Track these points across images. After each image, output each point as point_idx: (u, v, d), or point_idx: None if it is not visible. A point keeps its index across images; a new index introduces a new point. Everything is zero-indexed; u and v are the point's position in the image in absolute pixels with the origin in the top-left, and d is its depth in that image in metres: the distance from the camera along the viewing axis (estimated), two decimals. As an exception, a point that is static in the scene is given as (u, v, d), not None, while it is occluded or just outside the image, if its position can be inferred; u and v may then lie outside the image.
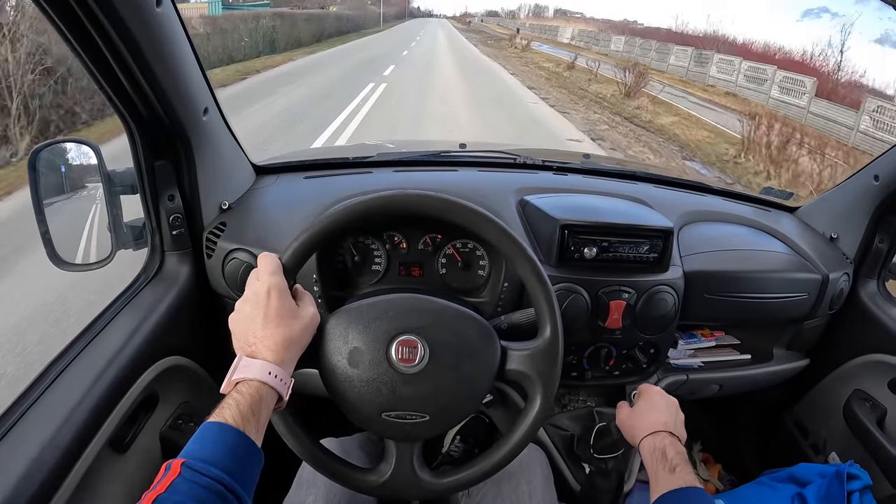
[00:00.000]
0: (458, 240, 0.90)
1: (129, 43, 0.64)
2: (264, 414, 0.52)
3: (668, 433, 0.72)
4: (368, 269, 0.90)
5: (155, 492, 0.43)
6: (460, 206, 0.63)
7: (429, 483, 0.65)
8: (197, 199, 0.86)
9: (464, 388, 0.61)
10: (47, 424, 0.62)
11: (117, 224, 0.84)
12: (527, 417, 0.64)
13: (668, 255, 0.90)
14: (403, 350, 0.59)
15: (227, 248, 0.87)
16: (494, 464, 0.64)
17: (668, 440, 0.71)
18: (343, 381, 0.60)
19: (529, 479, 0.78)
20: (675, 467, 0.66)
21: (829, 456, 1.14)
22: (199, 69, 0.80)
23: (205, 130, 0.84)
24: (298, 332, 0.57)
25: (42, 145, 0.81)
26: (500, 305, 0.86)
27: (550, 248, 0.86)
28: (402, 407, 0.60)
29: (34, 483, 0.57)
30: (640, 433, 0.74)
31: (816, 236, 1.13)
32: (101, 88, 0.72)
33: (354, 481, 0.65)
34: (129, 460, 0.76)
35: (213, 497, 0.44)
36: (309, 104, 7.47)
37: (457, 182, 1.04)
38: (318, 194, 0.96)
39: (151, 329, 0.80)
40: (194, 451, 0.47)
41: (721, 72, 13.84)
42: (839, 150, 7.52)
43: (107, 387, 0.70)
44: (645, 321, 0.90)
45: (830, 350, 1.14)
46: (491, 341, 0.62)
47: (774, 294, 1.01)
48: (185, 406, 0.87)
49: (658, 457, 0.69)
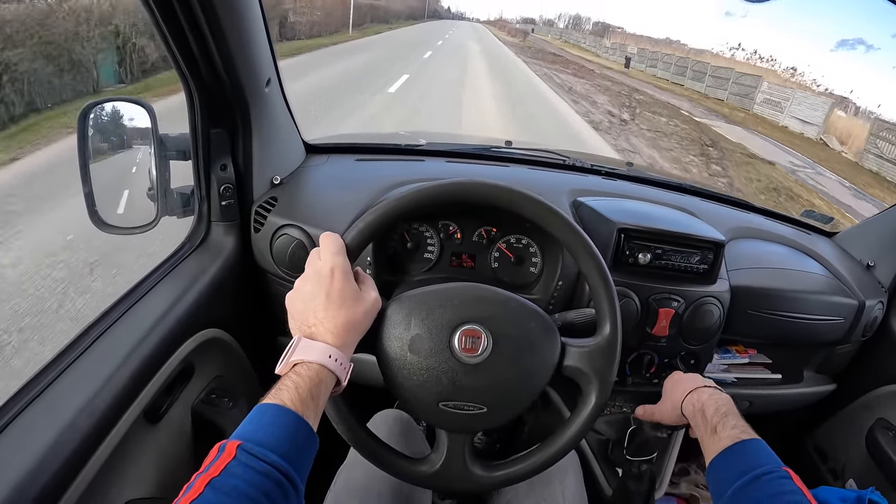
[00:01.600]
0: (513, 235, 0.89)
1: (204, 5, 0.63)
2: (323, 398, 0.50)
3: (705, 387, 0.69)
4: (420, 257, 0.89)
5: (208, 474, 0.40)
6: (531, 200, 0.62)
7: (480, 476, 0.64)
8: (250, 170, 0.85)
9: (522, 381, 0.60)
10: (83, 390, 0.60)
11: (166, 189, 0.82)
12: (581, 414, 0.63)
13: (718, 268, 0.89)
14: (466, 340, 0.58)
15: (278, 223, 0.85)
16: (546, 459, 0.64)
17: (707, 394, 0.67)
18: (402, 369, 0.58)
19: (562, 480, 0.77)
20: (715, 426, 0.62)
21: (847, 482, 1.14)
22: (266, 39, 0.79)
23: (265, 102, 0.82)
24: (361, 316, 0.55)
25: (97, 101, 0.79)
26: (551, 303, 0.85)
27: (605, 251, 0.85)
28: (461, 397, 0.59)
29: (69, 449, 0.55)
30: (677, 401, 0.71)
31: (853, 262, 1.14)
32: (168, 48, 0.70)
33: (404, 470, 0.64)
34: (161, 431, 0.74)
35: (271, 484, 0.41)
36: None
37: (510, 177, 1.03)
38: (371, 177, 0.94)
39: (194, 299, 0.78)
40: (250, 433, 0.44)
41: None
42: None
43: (147, 355, 0.68)
44: (690, 331, 0.90)
45: (858, 377, 1.14)
46: (552, 336, 0.62)
47: (812, 315, 1.00)
48: (219, 380, 0.85)
49: (699, 419, 0.65)
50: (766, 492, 0.53)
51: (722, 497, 0.56)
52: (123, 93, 4.86)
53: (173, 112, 0.90)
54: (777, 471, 0.54)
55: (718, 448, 0.59)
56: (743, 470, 0.55)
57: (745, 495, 0.54)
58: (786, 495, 0.52)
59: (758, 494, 0.53)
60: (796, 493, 0.52)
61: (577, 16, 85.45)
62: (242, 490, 0.40)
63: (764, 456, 0.57)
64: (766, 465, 0.55)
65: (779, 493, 0.52)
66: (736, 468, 0.56)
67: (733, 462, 0.58)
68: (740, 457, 0.58)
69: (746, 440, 0.59)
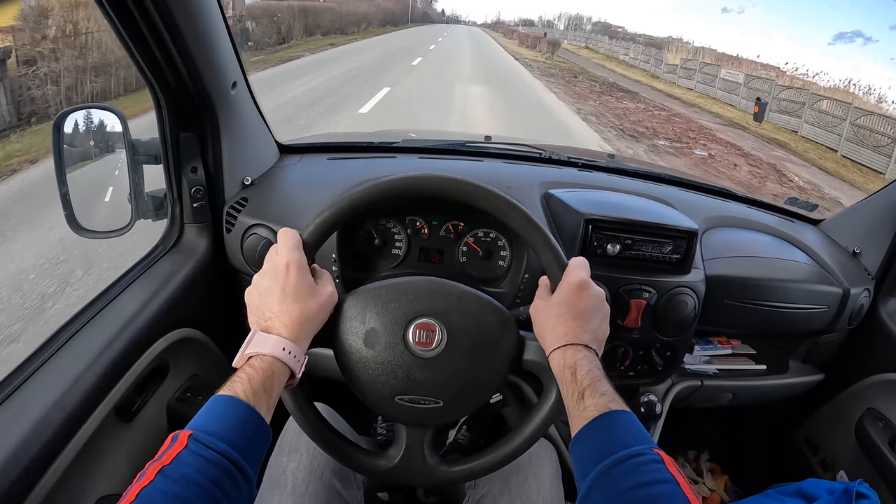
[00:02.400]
0: (481, 229, 0.89)
1: (162, 10, 0.64)
2: (276, 390, 0.51)
3: (583, 346, 0.55)
4: (388, 253, 0.90)
5: (160, 462, 0.41)
6: (486, 192, 0.62)
7: (438, 470, 0.64)
8: (220, 172, 0.86)
9: (480, 375, 0.60)
10: (55, 387, 0.62)
11: (138, 193, 0.84)
12: (541, 410, 0.62)
13: (691, 257, 0.88)
14: (421, 333, 0.58)
15: (248, 223, 0.87)
16: (505, 455, 0.63)
17: (581, 354, 0.55)
18: (357, 362, 0.59)
19: (538, 474, 0.77)
20: (583, 391, 0.51)
21: (837, 474, 1.12)
22: (230, 42, 0.80)
23: (232, 104, 0.83)
24: (315, 310, 0.56)
25: (68, 109, 0.81)
26: (518, 297, 0.85)
27: (573, 242, 0.85)
28: (417, 391, 0.59)
29: (38, 443, 0.57)
30: (548, 345, 0.57)
31: (839, 250, 1.12)
32: (132, 55, 0.72)
33: (363, 464, 0.64)
34: (135, 429, 0.75)
35: (219, 472, 0.42)
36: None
37: (481, 172, 1.03)
38: (342, 175, 0.95)
39: (166, 299, 0.79)
40: (202, 424, 0.45)
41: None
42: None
43: (117, 353, 0.70)
44: (664, 322, 0.89)
45: (846, 366, 1.12)
46: (509, 330, 0.61)
47: (794, 304, 0.99)
48: (195, 379, 0.87)
49: (568, 378, 0.53)
50: (632, 479, 0.44)
51: (583, 481, 0.47)
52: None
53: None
54: (648, 453, 0.45)
55: (584, 419, 0.50)
56: (606, 450, 0.46)
57: (607, 482, 0.45)
58: (655, 486, 0.43)
59: (620, 482, 0.44)
60: (668, 483, 0.43)
61: (577, 15, 78.40)
62: (192, 477, 0.41)
63: (632, 433, 0.48)
64: (633, 445, 0.46)
65: (646, 484, 0.43)
66: (598, 447, 0.47)
67: (596, 438, 0.48)
68: (605, 432, 0.48)
69: (616, 412, 0.49)
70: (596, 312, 0.59)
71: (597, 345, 0.57)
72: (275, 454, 0.73)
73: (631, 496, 0.43)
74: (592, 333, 0.57)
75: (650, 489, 0.43)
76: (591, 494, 0.46)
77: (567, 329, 0.57)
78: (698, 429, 1.40)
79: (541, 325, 0.60)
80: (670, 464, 0.45)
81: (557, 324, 0.58)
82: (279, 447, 0.74)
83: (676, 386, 1.00)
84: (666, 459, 0.45)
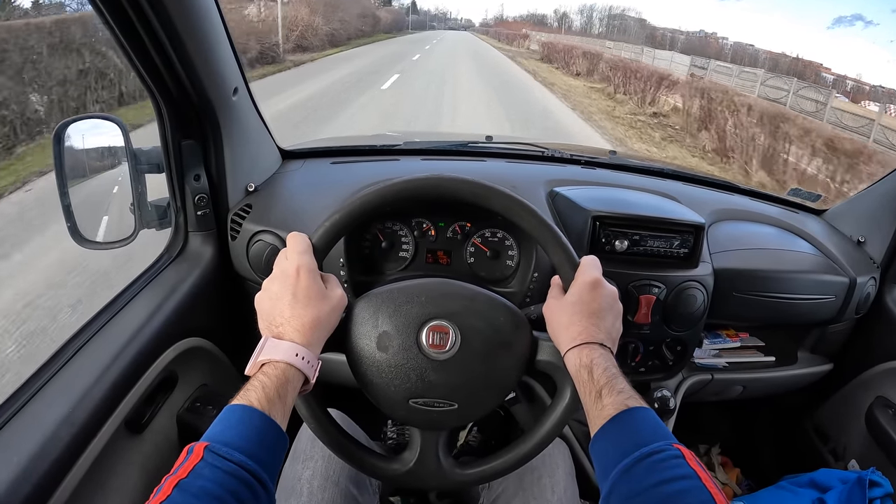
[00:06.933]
0: (488, 229, 0.88)
1: (161, 17, 0.63)
2: (290, 397, 0.50)
3: (598, 344, 0.55)
4: (395, 256, 0.89)
5: (176, 476, 0.40)
6: (497, 192, 0.61)
7: (453, 473, 0.63)
8: (223, 179, 0.85)
9: (494, 376, 0.60)
10: (63, 401, 0.61)
11: (142, 203, 0.83)
12: (556, 410, 0.62)
13: (699, 251, 0.88)
14: (434, 336, 0.58)
15: (253, 229, 0.86)
16: (520, 457, 0.63)
17: (597, 353, 0.55)
18: (370, 366, 0.58)
19: (552, 473, 0.76)
20: (600, 390, 0.51)
21: (848, 463, 1.12)
22: (230, 49, 0.79)
23: (234, 111, 0.83)
24: (327, 313, 0.55)
25: (69, 120, 0.80)
26: (528, 296, 0.85)
27: (581, 239, 0.85)
28: (431, 394, 0.58)
29: (48, 460, 0.56)
30: (563, 344, 0.57)
31: (844, 239, 1.12)
32: (132, 64, 0.71)
33: (378, 469, 0.63)
34: (146, 441, 0.75)
35: (238, 483, 0.41)
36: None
37: (485, 172, 1.02)
38: (345, 179, 0.95)
39: (173, 309, 0.79)
40: (218, 435, 0.44)
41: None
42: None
43: (125, 365, 0.69)
44: (674, 317, 0.88)
45: (854, 355, 1.12)
46: (523, 331, 0.61)
47: (802, 295, 0.99)
48: (204, 388, 0.86)
49: (585, 378, 0.53)
50: (653, 476, 0.44)
51: (605, 480, 0.47)
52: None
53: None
54: (668, 449, 0.45)
55: (603, 418, 0.50)
56: (626, 448, 0.46)
57: (628, 480, 0.45)
58: (676, 482, 0.42)
59: (642, 480, 0.44)
60: (689, 479, 0.43)
61: (609, 7, 58.24)
62: (210, 490, 0.40)
63: (651, 428, 0.48)
64: (653, 441, 0.46)
65: (667, 481, 0.43)
66: (619, 446, 0.47)
67: (615, 437, 0.48)
68: (624, 430, 0.48)
69: (635, 408, 0.49)
70: (609, 311, 0.59)
71: (611, 343, 0.57)
72: (289, 462, 0.72)
73: (653, 494, 0.43)
74: (607, 332, 0.57)
75: (672, 485, 0.43)
76: (614, 493, 0.46)
77: (582, 328, 0.57)
78: (708, 422, 1.40)
79: (555, 325, 0.60)
80: (691, 458, 0.45)
81: (572, 323, 0.57)
82: (293, 455, 0.73)
83: (687, 380, 1.00)
84: (686, 454, 0.45)
